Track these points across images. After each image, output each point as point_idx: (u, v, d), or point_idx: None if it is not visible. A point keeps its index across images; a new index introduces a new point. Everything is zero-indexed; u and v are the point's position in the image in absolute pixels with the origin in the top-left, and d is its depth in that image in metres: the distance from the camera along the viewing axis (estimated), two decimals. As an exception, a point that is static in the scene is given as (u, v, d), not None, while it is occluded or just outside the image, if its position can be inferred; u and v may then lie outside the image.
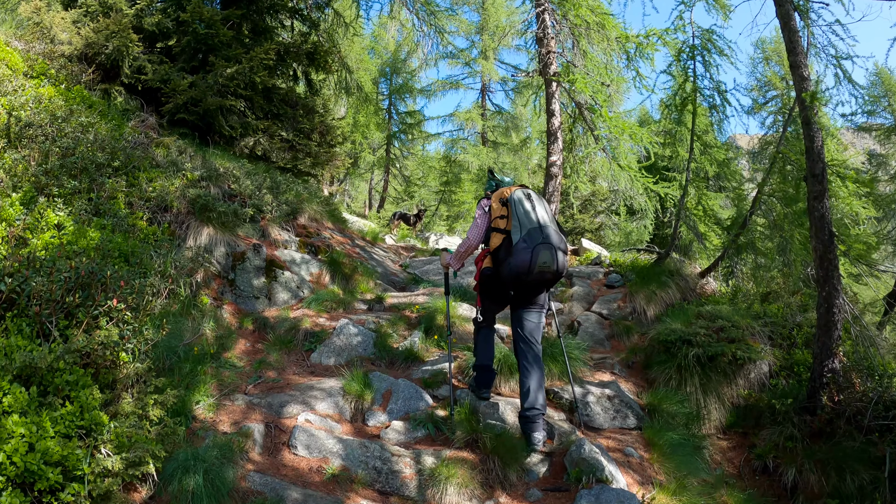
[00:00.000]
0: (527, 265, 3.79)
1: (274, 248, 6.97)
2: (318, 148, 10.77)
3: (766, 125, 25.83)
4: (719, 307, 6.97)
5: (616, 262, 9.21)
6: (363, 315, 5.94)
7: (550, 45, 11.05)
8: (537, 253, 3.79)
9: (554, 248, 3.85)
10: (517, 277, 3.87)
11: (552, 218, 4.11)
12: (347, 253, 7.71)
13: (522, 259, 3.81)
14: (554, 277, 4.00)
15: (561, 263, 3.91)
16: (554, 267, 3.86)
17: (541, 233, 3.87)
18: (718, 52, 8.66)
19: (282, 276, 6.63)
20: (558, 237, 3.95)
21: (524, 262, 3.80)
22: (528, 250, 3.80)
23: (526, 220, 3.92)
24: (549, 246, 3.83)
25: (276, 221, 7.33)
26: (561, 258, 3.91)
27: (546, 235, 3.86)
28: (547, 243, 3.83)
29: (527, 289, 4.05)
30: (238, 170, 8.02)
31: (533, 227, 3.88)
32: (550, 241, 3.85)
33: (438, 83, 25.94)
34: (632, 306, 7.71)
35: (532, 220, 3.93)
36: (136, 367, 3.42)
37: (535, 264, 3.78)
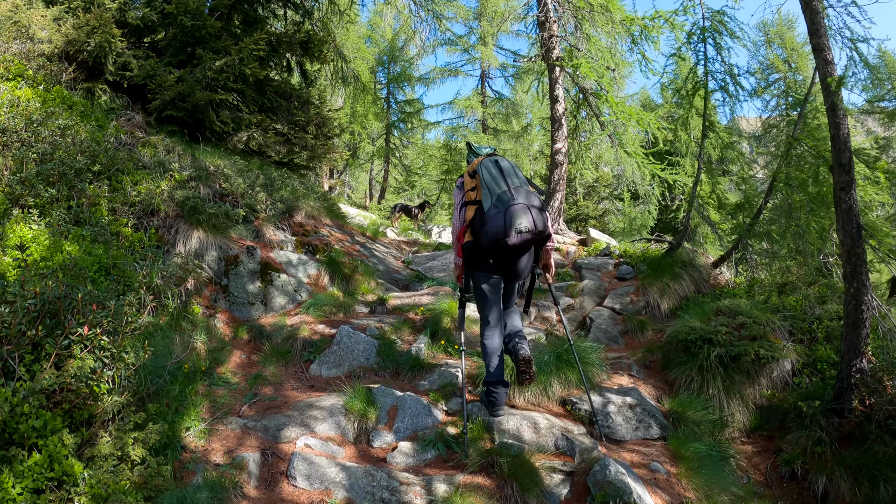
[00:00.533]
0: (501, 229, 3.63)
1: (269, 249, 6.60)
2: (315, 140, 10.35)
3: (770, 108, 25.35)
4: (738, 301, 6.59)
5: (626, 252, 8.83)
6: (365, 319, 5.58)
7: (552, 28, 10.58)
8: (510, 215, 3.64)
9: (527, 207, 3.69)
10: (496, 244, 3.68)
11: (523, 179, 3.94)
12: (347, 251, 7.33)
13: (496, 224, 3.65)
14: (536, 237, 3.77)
15: (538, 221, 3.72)
16: (532, 227, 3.67)
17: (511, 195, 3.73)
18: (730, 35, 8.22)
19: (278, 280, 6.26)
20: (530, 196, 3.78)
21: (499, 227, 3.63)
22: (500, 215, 3.66)
23: (494, 186, 3.79)
24: (522, 206, 3.68)
25: (271, 221, 6.95)
26: (537, 216, 3.72)
27: (516, 196, 3.72)
28: (519, 204, 3.68)
29: (510, 254, 3.84)
30: (230, 167, 7.63)
31: (502, 192, 3.75)
32: (522, 202, 3.70)
33: (437, 70, 25.42)
34: (645, 300, 7.35)
35: (500, 184, 3.80)
36: (115, 402, 3.06)
37: (511, 227, 3.61)
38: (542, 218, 3.76)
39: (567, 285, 7.53)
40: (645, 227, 21.93)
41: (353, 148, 26.34)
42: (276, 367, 4.93)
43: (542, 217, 3.76)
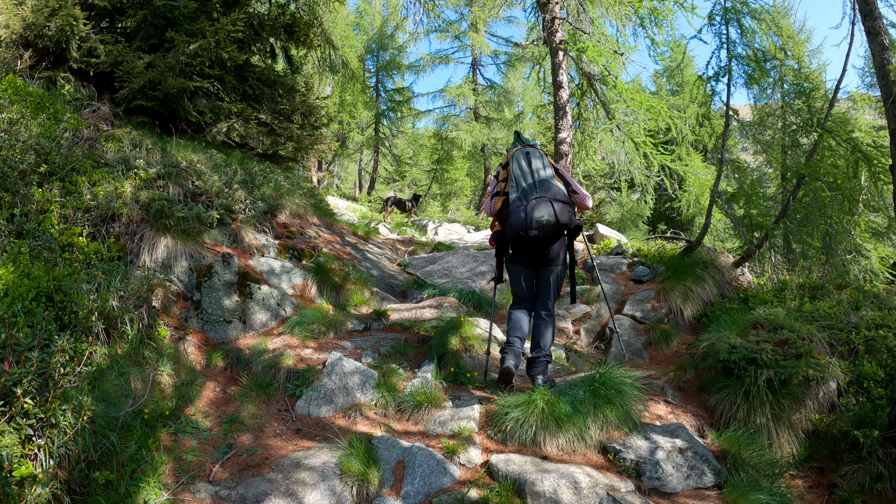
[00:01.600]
0: (523, 222, 3.74)
1: (248, 256, 5.72)
2: (301, 131, 9.42)
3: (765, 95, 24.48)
4: (775, 311, 5.81)
5: (640, 251, 8.04)
6: (359, 340, 4.73)
7: (555, 10, 9.69)
8: (532, 208, 3.75)
9: (549, 201, 3.77)
10: (518, 236, 3.81)
11: (550, 173, 3.99)
12: (337, 254, 6.46)
13: (518, 217, 3.77)
14: (557, 230, 3.85)
15: (560, 214, 3.78)
16: (553, 219, 3.75)
17: (535, 188, 3.82)
18: (752, 16, 7.39)
19: (258, 292, 5.40)
20: (554, 188, 3.85)
21: (520, 220, 3.76)
22: (522, 208, 3.78)
23: (521, 178, 3.89)
24: (544, 199, 3.77)
25: (251, 222, 6.07)
26: (559, 209, 3.78)
27: (541, 190, 3.81)
28: (542, 198, 3.77)
29: (532, 246, 3.95)
30: (204, 162, 6.73)
31: (528, 184, 3.85)
32: (545, 196, 3.79)
33: (427, 58, 24.37)
34: (667, 306, 6.58)
35: (527, 176, 3.89)
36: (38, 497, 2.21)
37: (532, 219, 3.72)
38: (565, 210, 3.80)
39: (582, 290, 6.72)
40: (641, 217, 21.21)
41: (341, 138, 25.29)
42: (256, 404, 4.09)
43: (565, 210, 3.80)
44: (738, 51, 7.18)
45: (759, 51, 7.06)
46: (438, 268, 6.34)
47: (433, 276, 6.17)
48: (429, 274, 6.26)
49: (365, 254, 6.89)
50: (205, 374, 4.74)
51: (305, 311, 5.06)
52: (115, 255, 5.14)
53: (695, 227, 21.65)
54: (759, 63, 7.12)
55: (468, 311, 5.30)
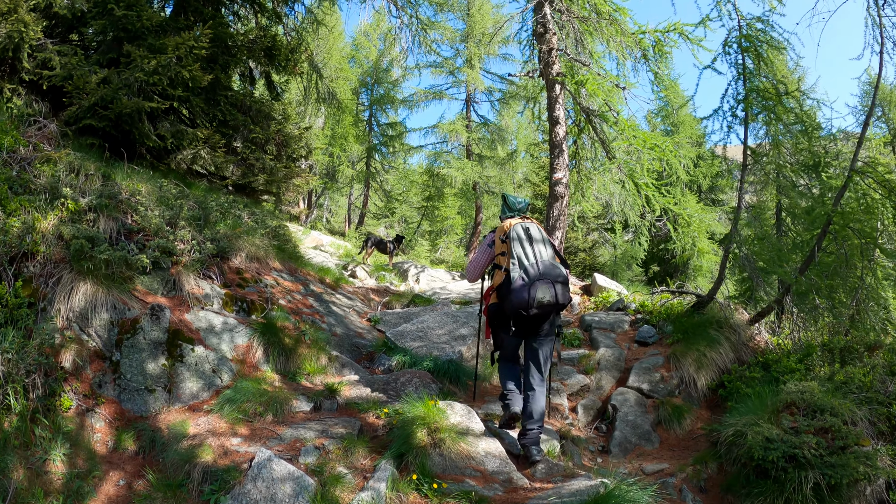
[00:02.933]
0: (525, 301, 3.78)
1: (185, 308, 4.69)
2: (275, 162, 8.48)
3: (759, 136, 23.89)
4: (807, 387, 4.80)
5: (644, 307, 7.04)
6: (303, 425, 3.65)
7: (552, 41, 8.90)
8: (535, 289, 3.79)
9: (552, 283, 3.84)
10: (518, 314, 3.85)
11: (552, 251, 4.08)
12: (295, 307, 5.42)
13: (521, 296, 3.79)
14: (555, 309, 3.93)
15: (560, 295, 3.87)
16: (553, 300, 3.82)
17: (538, 268, 3.87)
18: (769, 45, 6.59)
19: (190, 355, 4.35)
20: (556, 270, 3.92)
21: (523, 299, 3.79)
22: (525, 288, 3.80)
23: (523, 258, 3.92)
24: (547, 282, 3.83)
25: (194, 267, 5.04)
26: (560, 291, 3.88)
27: (543, 271, 3.85)
28: (544, 279, 3.83)
29: (530, 323, 3.99)
30: (151, 194, 5.73)
31: (530, 264, 3.89)
32: (547, 277, 3.85)
33: (421, 93, 23.73)
34: (678, 375, 5.56)
35: (529, 256, 3.93)
36: None
37: (535, 300, 3.77)
38: (564, 292, 3.89)
39: (579, 356, 5.69)
40: (635, 259, 20.33)
41: (331, 171, 24.46)
42: (158, 516, 3.01)
43: (564, 291, 3.89)
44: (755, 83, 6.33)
45: (780, 83, 6.22)
46: (413, 328, 5.23)
47: (405, 338, 5.08)
48: (401, 335, 5.17)
49: (330, 306, 5.84)
50: (109, 461, 3.68)
51: (242, 384, 3.99)
52: (24, 301, 4.16)
53: (690, 271, 20.79)
54: (779, 97, 6.28)
55: (443, 389, 4.24)
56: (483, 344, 5.18)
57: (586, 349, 6.05)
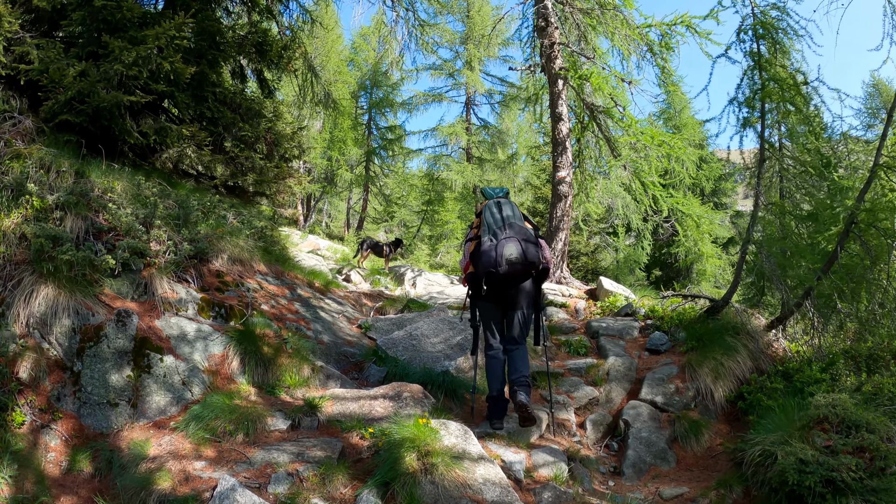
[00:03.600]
0: (493, 259, 3.87)
1: (156, 314, 4.25)
2: (265, 162, 8.05)
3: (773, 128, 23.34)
4: (838, 400, 4.36)
5: (654, 312, 6.59)
6: (277, 447, 3.20)
7: (554, 35, 8.49)
8: (502, 246, 3.89)
9: (518, 241, 3.93)
10: (489, 274, 3.91)
11: (518, 216, 4.16)
12: (279, 313, 4.96)
13: (489, 255, 3.89)
14: (526, 268, 3.97)
15: (528, 252, 3.93)
16: (521, 257, 3.89)
17: (504, 230, 3.98)
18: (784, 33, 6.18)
19: (159, 366, 3.91)
20: (523, 230, 4.03)
21: (490, 258, 3.88)
22: (492, 247, 3.91)
23: (491, 221, 4.04)
24: (513, 239, 3.93)
25: (169, 270, 4.61)
26: (529, 249, 3.93)
27: (510, 230, 3.96)
28: (511, 237, 3.93)
29: (503, 284, 4.02)
30: (126, 192, 5.32)
31: (497, 227, 4.00)
32: (514, 236, 3.95)
33: (420, 96, 23.35)
34: (694, 386, 5.11)
35: (497, 219, 4.04)
36: None
37: (502, 256, 3.86)
38: (533, 250, 3.95)
39: (586, 366, 5.22)
40: (638, 263, 19.86)
41: (330, 175, 24.04)
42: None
43: (533, 249, 3.95)
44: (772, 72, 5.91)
45: (798, 72, 5.80)
46: (405, 335, 4.76)
47: (397, 347, 4.61)
48: (392, 343, 4.69)
49: (318, 312, 5.39)
50: (61, 485, 3.26)
51: (212, 399, 3.54)
52: (-21, 307, 3.75)
53: (694, 275, 20.33)
54: (797, 87, 5.84)
55: (435, 406, 3.77)
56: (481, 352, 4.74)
57: (594, 358, 5.59)
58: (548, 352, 5.03)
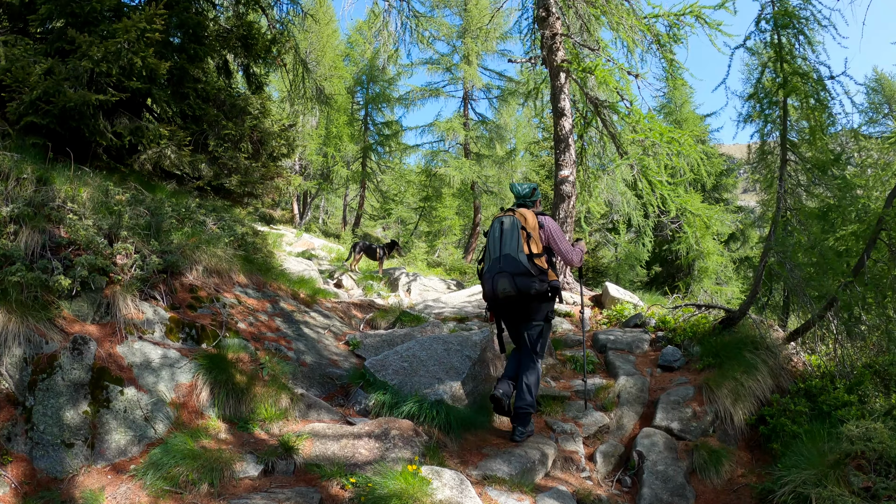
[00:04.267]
0: (491, 292, 4.11)
1: (118, 338, 3.80)
2: (251, 161, 7.59)
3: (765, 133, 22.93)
4: (873, 431, 3.92)
5: (665, 323, 6.16)
6: (245, 500, 2.76)
7: (555, 26, 8.01)
8: (496, 281, 4.06)
9: (510, 276, 4.03)
10: (489, 301, 4.23)
11: (515, 242, 4.13)
12: (256, 332, 4.50)
13: (487, 287, 4.14)
14: (521, 297, 4.09)
15: (521, 286, 4.03)
16: (514, 292, 4.02)
17: (499, 263, 4.08)
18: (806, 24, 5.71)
19: (119, 399, 3.47)
20: (515, 263, 4.06)
21: (489, 289, 4.12)
22: (489, 279, 4.11)
23: (491, 251, 4.18)
24: (505, 274, 4.03)
25: (135, 287, 4.16)
26: (519, 282, 4.03)
27: (502, 265, 4.05)
28: (503, 272, 4.04)
29: (502, 309, 4.29)
30: (92, 200, 4.86)
31: (494, 258, 4.13)
32: (506, 270, 4.04)
33: (417, 90, 22.82)
34: (712, 410, 4.68)
35: (495, 250, 4.15)
36: None
37: (498, 290, 4.06)
38: (525, 281, 4.04)
39: (595, 387, 4.78)
40: (639, 261, 19.41)
41: (326, 172, 23.53)
42: None
43: (525, 281, 4.04)
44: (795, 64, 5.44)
45: (822, 65, 5.33)
46: (396, 357, 4.26)
47: (387, 369, 4.13)
48: (382, 365, 4.21)
49: (301, 328, 4.93)
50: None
51: (174, 442, 3.08)
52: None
53: (696, 272, 19.88)
54: (822, 83, 5.38)
55: (428, 445, 3.31)
56: (482, 376, 4.29)
57: (602, 377, 5.15)
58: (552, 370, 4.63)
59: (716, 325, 5.85)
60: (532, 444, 3.73)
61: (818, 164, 5.99)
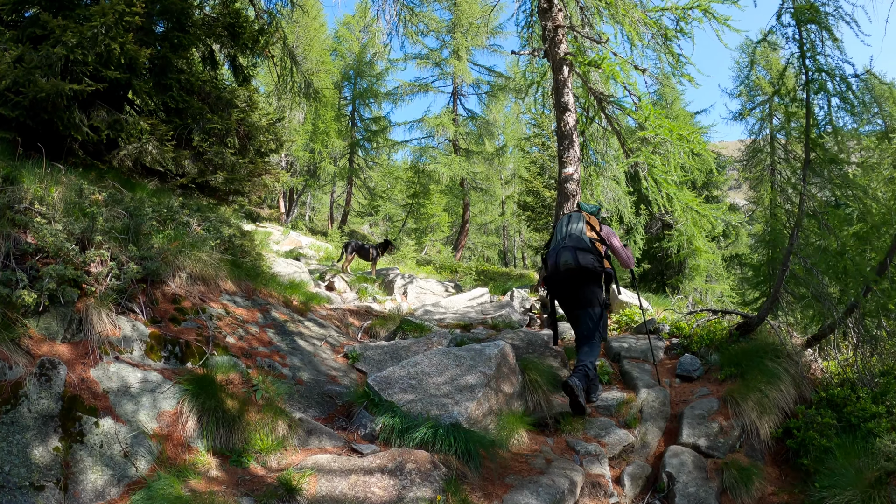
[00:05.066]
0: (554, 265, 4.41)
1: (91, 360, 3.34)
2: (238, 157, 7.10)
3: (753, 131, 22.96)
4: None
5: (679, 329, 5.81)
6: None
7: (557, 17, 7.62)
8: (559, 255, 4.39)
9: (571, 249, 4.38)
10: (550, 277, 4.52)
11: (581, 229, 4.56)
12: (248, 347, 4.05)
13: (551, 262, 4.46)
14: (579, 271, 4.38)
15: (581, 259, 4.34)
16: (574, 264, 4.33)
17: (563, 241, 4.47)
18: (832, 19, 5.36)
19: (94, 433, 3.03)
20: (580, 240, 4.45)
21: (552, 264, 4.44)
22: (553, 254, 4.46)
23: (557, 234, 4.60)
24: (569, 248, 4.38)
25: (110, 299, 3.70)
26: (580, 256, 4.36)
27: (566, 241, 4.44)
28: (566, 247, 4.40)
29: (561, 285, 4.53)
30: (63, 200, 4.38)
31: (561, 237, 4.51)
32: (570, 245, 4.41)
33: (406, 85, 22.32)
34: (739, 424, 4.35)
35: (561, 232, 4.56)
36: None
37: (560, 264, 4.36)
38: (585, 256, 4.38)
39: (616, 403, 4.40)
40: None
41: (313, 168, 22.95)
42: None
43: (585, 256, 4.38)
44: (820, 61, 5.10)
45: (846, 62, 5.00)
46: (402, 373, 3.81)
47: (393, 388, 3.68)
48: (387, 383, 3.75)
49: (295, 340, 4.47)
50: None
51: (158, 486, 2.63)
52: None
53: (687, 270, 19.71)
54: (847, 81, 5.05)
55: (448, 478, 2.88)
56: (498, 394, 3.88)
57: (620, 389, 4.78)
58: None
59: (732, 331, 5.52)
60: (559, 471, 3.35)
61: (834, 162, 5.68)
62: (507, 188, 26.17)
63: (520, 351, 4.90)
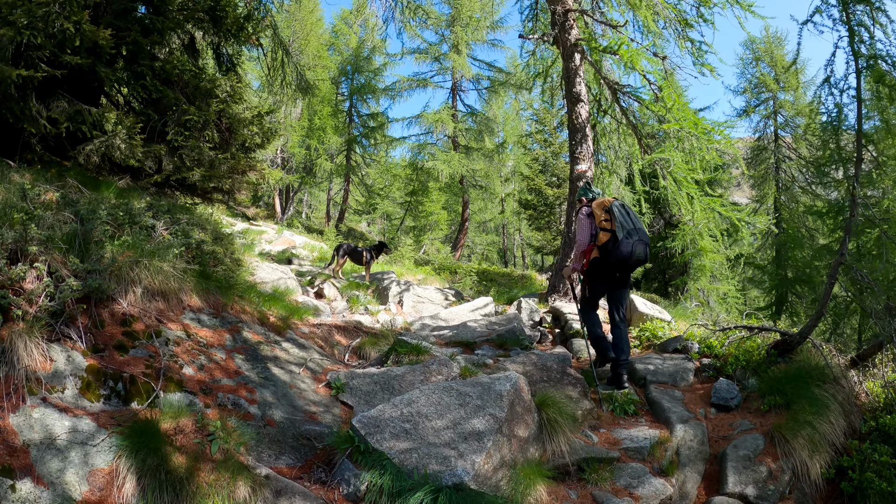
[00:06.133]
0: (629, 253, 4.67)
1: (12, 403, 2.66)
2: (217, 152, 6.40)
3: (758, 128, 22.28)
4: None
5: (710, 347, 5.13)
6: None
7: (567, 2, 6.91)
8: (636, 246, 4.70)
9: (645, 245, 4.78)
10: (622, 262, 4.72)
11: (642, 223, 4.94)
12: (209, 379, 3.36)
13: (626, 249, 4.68)
14: (642, 264, 4.96)
15: (648, 255, 4.84)
16: (645, 257, 4.76)
17: (637, 233, 4.74)
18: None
19: (9, 499, 2.37)
20: (645, 235, 4.81)
21: (628, 252, 4.67)
22: (629, 243, 4.68)
23: (627, 223, 4.78)
24: (642, 242, 4.76)
25: (42, 324, 3.01)
26: (648, 252, 4.84)
27: (640, 234, 4.75)
28: (641, 241, 4.74)
29: (626, 270, 4.88)
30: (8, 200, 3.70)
31: (631, 228, 4.75)
32: (643, 239, 4.76)
33: (404, 80, 21.60)
34: (789, 466, 3.67)
35: (630, 222, 4.80)
36: None
37: (634, 253, 4.68)
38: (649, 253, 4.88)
39: (648, 443, 3.70)
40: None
41: (309, 165, 22.23)
42: None
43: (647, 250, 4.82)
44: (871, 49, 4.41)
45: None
46: (395, 413, 3.07)
47: (384, 432, 2.96)
48: (376, 426, 3.01)
49: (268, 368, 3.77)
50: None
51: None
52: None
53: (692, 270, 19.01)
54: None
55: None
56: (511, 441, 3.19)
57: (649, 422, 4.09)
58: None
59: (769, 350, 4.85)
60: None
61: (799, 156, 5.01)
62: (507, 186, 25.47)
63: (533, 379, 4.24)
